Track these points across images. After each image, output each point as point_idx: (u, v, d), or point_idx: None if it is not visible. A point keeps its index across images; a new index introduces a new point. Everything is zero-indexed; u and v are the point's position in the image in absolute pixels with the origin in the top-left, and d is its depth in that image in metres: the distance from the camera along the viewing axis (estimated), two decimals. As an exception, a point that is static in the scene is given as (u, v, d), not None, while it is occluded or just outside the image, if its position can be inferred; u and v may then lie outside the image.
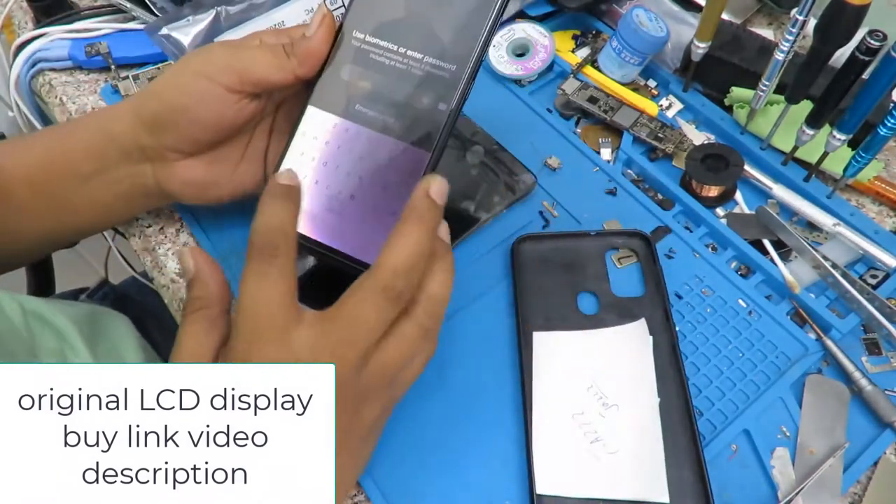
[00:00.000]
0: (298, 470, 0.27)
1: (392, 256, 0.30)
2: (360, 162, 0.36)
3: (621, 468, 0.37)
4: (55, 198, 0.41)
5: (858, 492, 0.37)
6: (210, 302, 0.31)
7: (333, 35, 0.37)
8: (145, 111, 0.38)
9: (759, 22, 0.61)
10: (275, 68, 0.36)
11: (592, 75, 0.55)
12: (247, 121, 0.39)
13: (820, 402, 0.40)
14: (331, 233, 0.36)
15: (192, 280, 0.32)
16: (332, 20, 0.37)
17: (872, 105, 0.41)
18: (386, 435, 0.38)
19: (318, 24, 0.36)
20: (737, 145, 0.50)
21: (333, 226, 0.36)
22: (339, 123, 0.36)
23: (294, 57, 0.36)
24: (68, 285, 0.69)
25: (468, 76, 0.35)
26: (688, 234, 0.46)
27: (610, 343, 0.41)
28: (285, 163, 0.37)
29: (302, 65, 0.36)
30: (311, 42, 0.36)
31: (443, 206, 0.32)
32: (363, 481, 0.37)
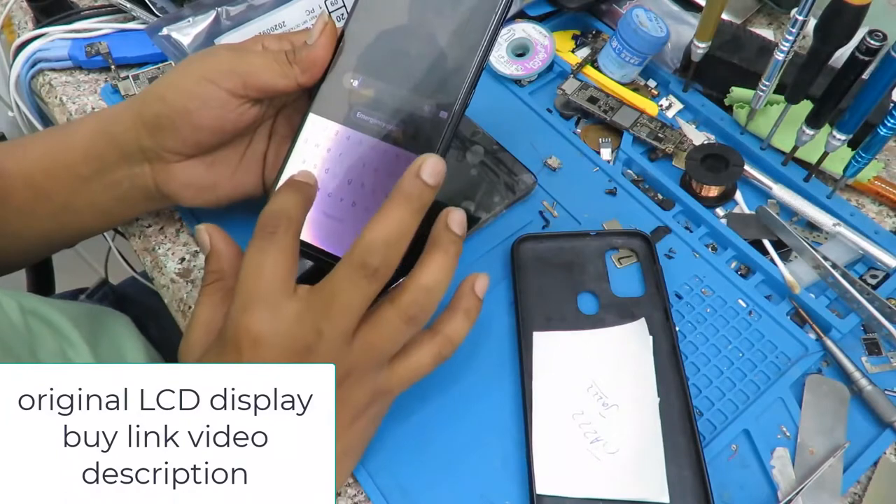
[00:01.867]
0: (298, 470, 0.27)
1: (369, 233, 0.30)
2: (362, 169, 0.36)
3: (621, 468, 0.37)
4: (55, 199, 0.41)
5: (858, 492, 0.37)
6: (225, 274, 0.34)
7: (335, 43, 0.37)
8: (147, 112, 0.38)
9: (759, 22, 0.61)
10: (278, 75, 0.36)
11: (592, 75, 0.55)
12: (248, 125, 0.39)
13: (820, 402, 0.40)
14: (332, 239, 0.36)
15: (208, 255, 0.34)
16: (334, 27, 0.37)
17: (872, 105, 0.41)
18: (386, 434, 0.38)
19: (319, 32, 0.36)
20: (737, 145, 0.50)
21: (334, 232, 0.36)
22: (341, 131, 0.37)
23: (296, 64, 0.36)
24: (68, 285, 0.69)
25: (469, 84, 0.36)
26: (688, 234, 0.46)
27: (610, 343, 0.41)
28: (287, 170, 0.37)
29: (304, 72, 0.36)
30: (313, 50, 0.36)
31: (436, 186, 0.32)
32: (363, 481, 0.37)
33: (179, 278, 0.46)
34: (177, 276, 0.46)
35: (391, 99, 0.36)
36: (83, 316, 0.47)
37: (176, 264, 0.46)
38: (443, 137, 0.35)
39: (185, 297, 0.45)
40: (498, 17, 0.35)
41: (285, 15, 0.49)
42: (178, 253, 0.47)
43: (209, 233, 0.34)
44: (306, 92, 0.38)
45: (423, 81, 0.36)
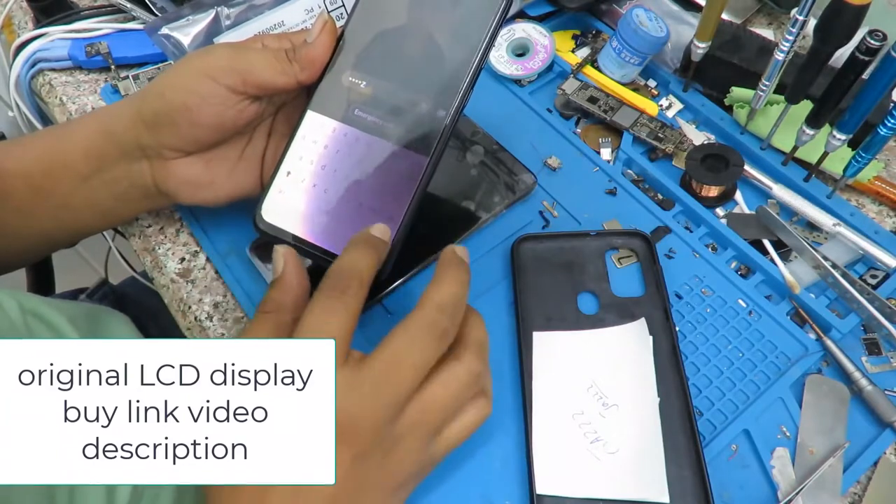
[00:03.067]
0: (298, 445, 0.27)
1: (437, 293, 0.30)
2: (359, 166, 0.36)
3: (621, 468, 0.37)
4: (55, 198, 0.41)
5: (858, 492, 0.37)
6: (285, 308, 0.32)
7: (335, 41, 0.37)
8: (146, 109, 0.38)
9: (759, 22, 0.61)
10: (278, 73, 0.36)
11: (592, 75, 0.55)
12: (247, 122, 0.39)
13: (820, 402, 0.40)
14: (328, 236, 0.36)
15: (276, 282, 0.32)
16: (334, 26, 0.37)
17: (872, 105, 0.41)
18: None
19: (319, 30, 0.36)
20: (737, 145, 0.50)
21: (330, 229, 0.36)
22: (339, 128, 0.37)
23: (296, 62, 0.36)
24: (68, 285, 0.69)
25: (468, 83, 0.36)
26: (688, 234, 0.46)
27: (610, 343, 0.41)
28: (284, 165, 0.37)
29: (304, 70, 0.36)
30: (313, 48, 0.36)
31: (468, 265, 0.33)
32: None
33: (179, 278, 0.46)
34: (177, 276, 0.46)
35: (390, 97, 0.36)
36: (82, 316, 0.47)
37: (176, 264, 0.46)
38: (441, 135, 0.36)
39: (185, 297, 0.45)
40: (497, 18, 0.36)
41: (284, 14, 0.49)
42: (178, 253, 0.47)
43: (286, 259, 0.33)
44: (305, 90, 0.38)
45: (421, 80, 0.36)
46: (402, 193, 0.35)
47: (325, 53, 0.37)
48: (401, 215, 0.35)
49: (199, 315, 0.44)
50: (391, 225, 0.35)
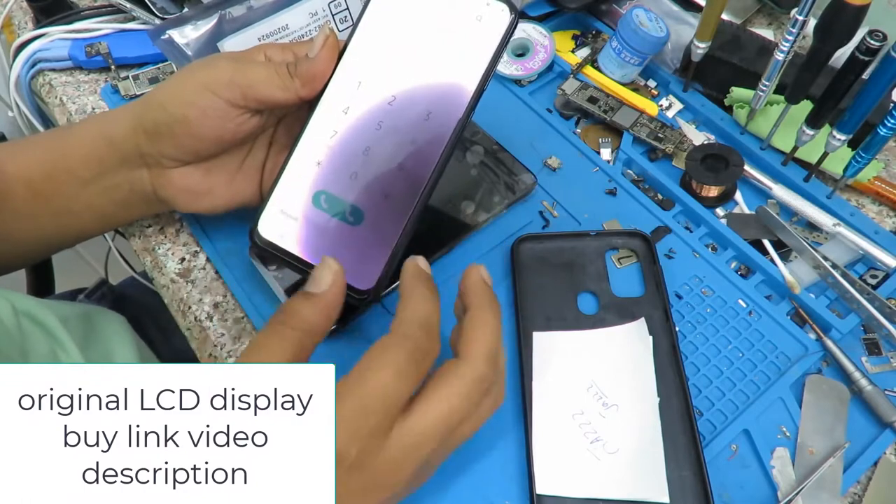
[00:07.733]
0: (298, 470, 0.27)
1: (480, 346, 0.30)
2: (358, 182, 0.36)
3: (621, 468, 0.37)
4: (54, 202, 0.41)
5: (858, 492, 0.37)
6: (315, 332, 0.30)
7: (337, 56, 0.37)
8: (147, 118, 0.38)
9: (759, 22, 0.61)
10: (278, 88, 0.36)
11: (592, 75, 0.55)
12: (247, 135, 0.39)
13: (820, 402, 0.40)
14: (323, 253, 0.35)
15: (315, 297, 0.31)
16: (336, 40, 0.37)
17: (872, 105, 0.41)
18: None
19: (321, 45, 0.36)
20: (737, 145, 0.50)
21: (328, 249, 0.36)
22: (338, 143, 0.36)
23: (297, 77, 0.36)
24: (68, 285, 0.69)
25: (471, 101, 0.36)
26: (688, 234, 0.46)
27: (610, 343, 0.41)
28: (282, 181, 0.37)
29: (305, 86, 0.36)
30: (314, 63, 0.36)
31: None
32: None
33: (179, 278, 0.46)
34: (177, 276, 0.46)
35: (391, 112, 0.36)
36: (76, 317, 0.47)
37: (176, 264, 0.46)
38: (442, 151, 0.36)
39: (185, 297, 0.45)
40: (503, 36, 0.36)
41: (288, 18, 0.48)
42: (178, 253, 0.47)
43: (335, 278, 0.31)
44: (307, 102, 0.38)
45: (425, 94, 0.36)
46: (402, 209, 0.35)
47: (327, 69, 0.36)
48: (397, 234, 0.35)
49: (199, 315, 0.44)
50: (393, 245, 0.35)
